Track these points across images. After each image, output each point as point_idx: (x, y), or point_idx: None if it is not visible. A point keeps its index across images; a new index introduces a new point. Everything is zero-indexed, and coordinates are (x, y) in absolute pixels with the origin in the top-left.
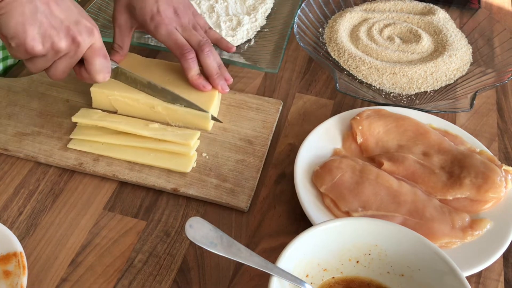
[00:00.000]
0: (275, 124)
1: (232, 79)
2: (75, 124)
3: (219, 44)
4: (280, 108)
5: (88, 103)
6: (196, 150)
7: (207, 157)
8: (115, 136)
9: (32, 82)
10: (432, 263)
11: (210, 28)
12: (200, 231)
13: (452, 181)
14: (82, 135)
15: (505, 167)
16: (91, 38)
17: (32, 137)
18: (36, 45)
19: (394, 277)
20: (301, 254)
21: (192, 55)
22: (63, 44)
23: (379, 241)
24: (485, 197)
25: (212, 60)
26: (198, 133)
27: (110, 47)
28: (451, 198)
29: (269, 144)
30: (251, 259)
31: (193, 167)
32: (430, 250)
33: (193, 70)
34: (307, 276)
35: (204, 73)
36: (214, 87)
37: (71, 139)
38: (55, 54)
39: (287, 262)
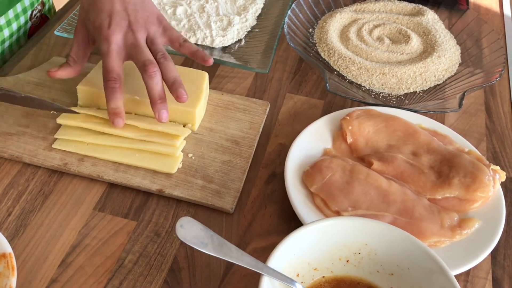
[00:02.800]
0: (262, 125)
1: (185, 96)
2: (60, 123)
3: (195, 57)
4: (268, 109)
5: (74, 103)
6: (182, 151)
7: (193, 157)
8: (100, 136)
9: (18, 81)
10: (421, 262)
11: (185, 40)
12: (191, 231)
13: (441, 181)
14: (67, 135)
15: (493, 166)
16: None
17: (17, 137)
18: None
19: (384, 276)
20: (292, 254)
21: (114, 85)
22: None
23: (369, 241)
24: (473, 197)
25: (155, 83)
26: (185, 134)
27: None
28: (440, 197)
29: (255, 145)
30: (242, 259)
31: (179, 168)
32: (419, 249)
33: (114, 102)
34: (298, 275)
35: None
36: (154, 112)
37: (56, 139)
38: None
39: (277, 262)
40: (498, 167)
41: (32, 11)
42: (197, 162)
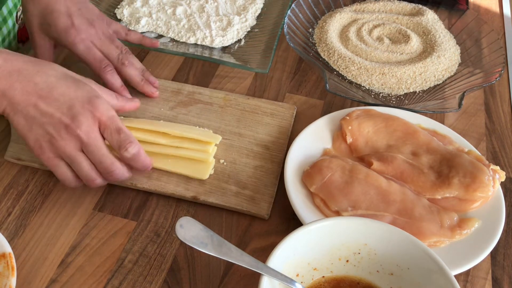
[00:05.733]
0: (290, 129)
1: (157, 81)
2: None
3: (143, 43)
4: (294, 113)
5: None
6: (214, 157)
7: (225, 163)
8: None
9: None
10: (421, 261)
11: (129, 30)
12: (191, 231)
13: (440, 181)
14: None
15: (493, 166)
16: (92, 112)
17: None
18: (39, 153)
19: (384, 276)
20: (291, 254)
21: (111, 68)
22: (61, 137)
23: (368, 240)
24: (473, 196)
25: (134, 69)
26: (216, 140)
27: None
28: (439, 197)
29: (286, 149)
30: (242, 259)
31: (211, 174)
32: (419, 249)
33: (117, 83)
34: (297, 275)
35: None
36: (144, 93)
37: None
38: (64, 153)
39: (277, 262)
40: (498, 167)
41: (17, 13)
42: (229, 168)
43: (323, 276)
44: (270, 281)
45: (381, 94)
